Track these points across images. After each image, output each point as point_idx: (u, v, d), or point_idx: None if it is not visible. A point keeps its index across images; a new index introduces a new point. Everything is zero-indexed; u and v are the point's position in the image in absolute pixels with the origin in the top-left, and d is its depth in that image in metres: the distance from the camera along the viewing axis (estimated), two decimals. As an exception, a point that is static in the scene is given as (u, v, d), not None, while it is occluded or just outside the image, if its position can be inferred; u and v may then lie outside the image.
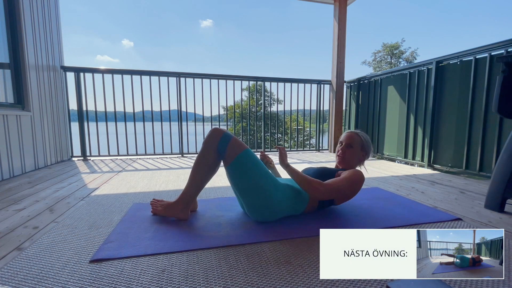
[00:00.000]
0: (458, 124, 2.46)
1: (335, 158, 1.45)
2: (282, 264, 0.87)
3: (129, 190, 1.78)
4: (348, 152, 1.38)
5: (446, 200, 1.62)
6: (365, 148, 1.41)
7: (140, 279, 0.79)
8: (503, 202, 1.41)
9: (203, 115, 4.24)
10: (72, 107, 3.20)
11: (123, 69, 3.30)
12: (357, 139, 1.40)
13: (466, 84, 2.38)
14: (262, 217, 1.19)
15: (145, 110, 3.50)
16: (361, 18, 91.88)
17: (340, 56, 3.83)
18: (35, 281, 0.78)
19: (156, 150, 3.53)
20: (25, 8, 2.44)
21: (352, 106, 4.07)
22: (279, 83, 3.97)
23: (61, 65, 3.13)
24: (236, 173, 1.15)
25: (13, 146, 2.22)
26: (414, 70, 2.92)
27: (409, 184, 2.02)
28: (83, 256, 0.92)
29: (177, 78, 3.43)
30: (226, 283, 0.77)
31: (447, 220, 1.26)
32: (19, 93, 2.42)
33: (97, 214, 1.32)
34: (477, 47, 2.28)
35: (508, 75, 1.34)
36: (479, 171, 2.26)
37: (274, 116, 4.54)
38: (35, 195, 1.67)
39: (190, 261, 0.89)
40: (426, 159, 2.74)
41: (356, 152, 1.39)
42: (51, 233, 1.10)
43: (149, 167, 2.76)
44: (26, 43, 2.44)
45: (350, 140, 1.40)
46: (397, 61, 30.57)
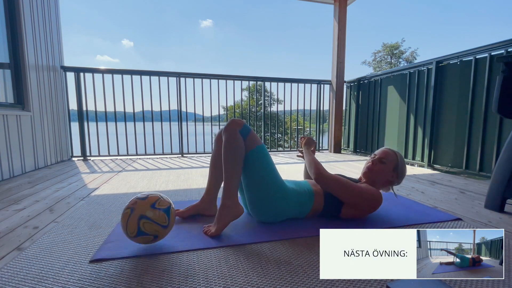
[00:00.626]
0: (458, 124, 2.46)
1: (362, 169, 1.32)
2: (282, 264, 0.87)
3: (129, 190, 1.78)
4: (378, 166, 1.25)
5: (446, 200, 1.62)
6: (398, 170, 1.25)
7: (140, 279, 0.79)
8: (503, 202, 1.41)
9: (203, 115, 4.24)
10: (72, 107, 3.21)
11: (123, 69, 3.30)
12: (393, 157, 1.26)
13: (466, 84, 2.38)
14: (264, 217, 1.18)
15: (145, 110, 3.51)
16: (361, 18, 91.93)
17: (340, 56, 3.83)
18: (35, 281, 0.78)
19: (156, 150, 3.53)
20: (25, 8, 2.44)
21: (352, 106, 4.07)
22: (279, 83, 3.97)
23: (61, 65, 3.13)
24: (248, 164, 1.13)
25: (13, 146, 2.22)
26: (414, 70, 2.92)
27: (409, 184, 2.02)
28: (83, 256, 0.92)
29: (177, 78, 3.43)
30: (226, 283, 0.77)
31: (447, 220, 1.26)
32: (19, 93, 2.42)
33: (97, 214, 1.32)
34: (477, 47, 2.28)
35: (508, 75, 1.34)
36: (479, 171, 2.26)
37: (274, 116, 4.55)
38: (35, 195, 1.67)
39: (190, 261, 0.89)
40: (426, 159, 2.74)
41: (387, 170, 1.24)
42: (51, 233, 1.10)
43: (149, 167, 2.76)
44: (26, 43, 2.44)
45: (384, 155, 1.26)
46: (397, 61, 30.58)
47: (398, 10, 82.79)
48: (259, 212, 1.17)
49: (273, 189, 1.14)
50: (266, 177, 1.13)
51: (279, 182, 1.16)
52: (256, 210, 1.17)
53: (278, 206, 1.16)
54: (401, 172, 1.26)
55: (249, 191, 1.16)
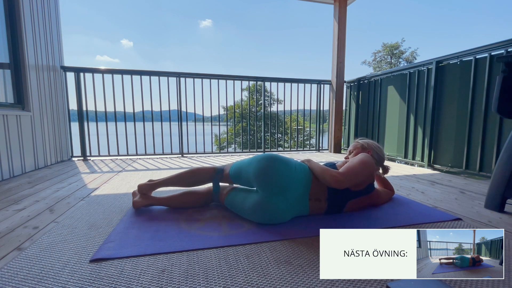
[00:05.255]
0: (458, 124, 2.46)
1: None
2: (282, 264, 0.87)
3: (129, 190, 1.78)
4: (350, 156, 1.47)
5: (446, 200, 1.62)
6: (367, 147, 1.46)
7: (140, 279, 0.79)
8: (503, 202, 1.41)
9: (203, 115, 4.24)
10: (72, 107, 3.21)
11: (123, 69, 3.30)
12: (357, 143, 1.51)
13: (466, 84, 2.38)
14: (262, 220, 1.18)
15: (145, 110, 3.50)
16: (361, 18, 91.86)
17: (340, 56, 3.83)
18: (35, 281, 0.78)
19: (156, 150, 3.53)
20: (25, 8, 2.44)
21: (352, 106, 4.07)
22: (279, 83, 3.97)
23: (61, 65, 3.13)
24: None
25: (13, 146, 2.22)
26: (414, 70, 2.92)
27: (409, 184, 2.02)
28: (83, 256, 0.92)
29: (177, 78, 3.43)
30: (226, 283, 0.77)
31: (447, 220, 1.26)
32: (19, 93, 2.42)
33: (97, 214, 1.32)
34: (477, 47, 2.28)
35: (508, 75, 1.34)
36: (479, 171, 2.26)
37: (274, 116, 4.54)
38: (35, 195, 1.67)
39: (190, 261, 0.89)
40: (426, 159, 2.74)
41: (358, 154, 1.43)
42: (51, 233, 1.10)
43: (149, 167, 2.76)
44: (26, 43, 2.44)
45: (351, 147, 1.53)
46: (397, 61, 30.57)
47: (398, 10, 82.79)
48: (256, 214, 1.18)
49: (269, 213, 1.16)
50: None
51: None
52: (253, 213, 1.19)
53: (274, 210, 1.16)
54: (371, 147, 1.45)
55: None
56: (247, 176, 1.25)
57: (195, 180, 1.41)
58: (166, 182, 1.40)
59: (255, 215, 1.17)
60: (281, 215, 1.16)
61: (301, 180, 1.22)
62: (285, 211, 1.17)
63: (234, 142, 13.47)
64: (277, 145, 6.03)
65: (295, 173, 1.20)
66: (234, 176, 1.33)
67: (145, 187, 1.40)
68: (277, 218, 1.16)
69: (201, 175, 1.40)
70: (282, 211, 1.16)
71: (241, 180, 1.31)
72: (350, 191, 1.27)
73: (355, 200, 1.30)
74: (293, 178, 1.19)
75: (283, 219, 1.18)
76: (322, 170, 1.21)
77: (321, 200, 1.25)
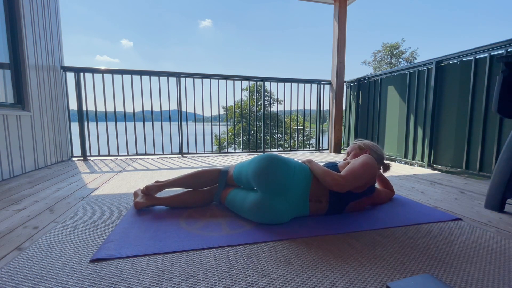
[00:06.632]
0: (458, 124, 2.46)
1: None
2: (282, 264, 0.87)
3: (129, 190, 1.78)
4: (350, 159, 1.46)
5: (446, 200, 1.62)
6: (365, 147, 1.49)
7: (140, 279, 0.79)
8: (503, 202, 1.41)
9: (203, 115, 4.24)
10: (72, 107, 3.21)
11: (123, 69, 3.30)
12: (354, 145, 1.53)
13: (466, 84, 2.38)
14: (261, 220, 1.18)
15: (145, 110, 3.51)
16: (361, 18, 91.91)
17: (340, 56, 3.83)
18: (35, 281, 0.78)
19: (156, 150, 3.53)
20: (25, 8, 2.44)
21: (352, 106, 4.07)
22: (279, 83, 3.97)
23: (61, 65, 3.13)
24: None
25: (13, 146, 2.22)
26: (414, 70, 2.92)
27: (409, 184, 2.02)
28: (83, 256, 0.92)
29: (177, 78, 3.43)
30: (226, 283, 0.77)
31: (447, 220, 1.26)
32: (19, 93, 2.42)
33: (97, 214, 1.32)
34: (477, 47, 2.28)
35: (508, 75, 1.34)
36: (479, 171, 2.26)
37: (274, 116, 4.54)
38: (35, 195, 1.67)
39: (190, 261, 0.89)
40: (426, 159, 2.74)
41: (358, 153, 1.47)
42: (51, 233, 1.10)
43: (149, 167, 2.76)
44: (26, 43, 2.44)
45: (348, 148, 1.56)
46: (397, 61, 30.57)
47: (398, 10, 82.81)
48: (256, 215, 1.18)
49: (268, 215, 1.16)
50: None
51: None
52: (253, 213, 1.19)
53: (277, 217, 1.16)
54: (368, 146, 1.48)
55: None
56: (247, 176, 1.25)
57: (201, 182, 1.41)
58: (173, 184, 1.41)
59: (255, 215, 1.17)
60: (280, 216, 1.16)
61: (300, 181, 1.21)
62: (284, 212, 1.17)
63: (234, 142, 13.48)
64: (277, 145, 6.03)
65: (294, 174, 1.20)
66: (236, 178, 1.34)
67: (153, 188, 1.40)
68: (276, 219, 1.16)
69: (206, 177, 1.41)
70: (281, 212, 1.16)
71: (242, 181, 1.31)
72: (352, 192, 1.27)
73: (357, 201, 1.30)
74: (293, 179, 1.19)
75: (283, 220, 1.17)
76: (324, 173, 1.20)
77: (322, 202, 1.24)
